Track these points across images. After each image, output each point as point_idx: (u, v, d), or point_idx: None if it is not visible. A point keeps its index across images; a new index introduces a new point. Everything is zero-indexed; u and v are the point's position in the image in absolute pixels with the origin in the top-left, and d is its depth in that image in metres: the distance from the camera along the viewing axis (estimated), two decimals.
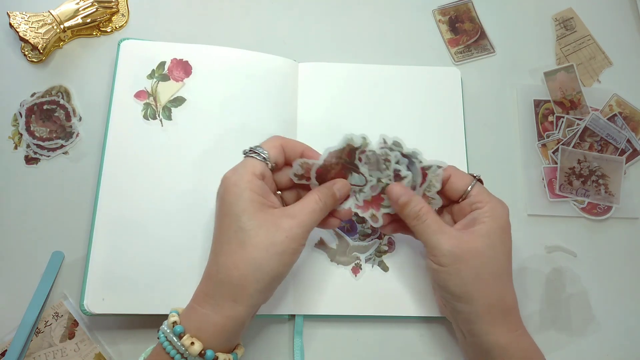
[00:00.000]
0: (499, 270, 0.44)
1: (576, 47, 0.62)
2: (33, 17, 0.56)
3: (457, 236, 0.44)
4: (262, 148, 0.44)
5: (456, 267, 0.43)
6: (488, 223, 0.44)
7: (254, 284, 0.40)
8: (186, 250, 0.50)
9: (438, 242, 0.44)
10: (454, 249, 0.43)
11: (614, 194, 0.56)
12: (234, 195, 0.42)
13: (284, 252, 0.41)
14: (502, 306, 0.43)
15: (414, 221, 0.45)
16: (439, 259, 0.44)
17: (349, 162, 0.46)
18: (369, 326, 0.51)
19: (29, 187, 0.53)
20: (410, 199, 0.45)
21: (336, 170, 0.46)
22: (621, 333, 0.52)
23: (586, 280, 0.54)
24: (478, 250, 0.43)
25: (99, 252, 0.49)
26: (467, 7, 0.64)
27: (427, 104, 0.58)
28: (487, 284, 0.43)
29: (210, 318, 0.40)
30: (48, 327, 0.49)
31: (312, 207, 0.44)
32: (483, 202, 0.45)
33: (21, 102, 0.56)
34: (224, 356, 0.40)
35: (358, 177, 0.46)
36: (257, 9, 0.62)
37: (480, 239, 0.44)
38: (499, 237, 0.44)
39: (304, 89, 0.57)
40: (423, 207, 0.45)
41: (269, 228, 0.41)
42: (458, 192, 0.46)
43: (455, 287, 0.44)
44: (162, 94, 0.55)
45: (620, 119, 0.59)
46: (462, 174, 0.47)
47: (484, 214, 0.45)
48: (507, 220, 0.45)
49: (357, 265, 0.52)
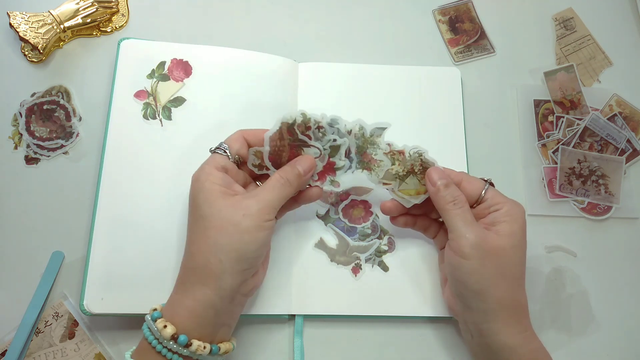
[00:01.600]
0: (518, 271, 0.45)
1: (576, 47, 0.62)
2: (33, 17, 0.56)
3: (484, 232, 0.44)
4: (224, 142, 0.46)
5: (480, 262, 0.43)
6: (509, 223, 0.44)
7: (218, 265, 0.41)
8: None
9: (470, 232, 0.44)
10: (482, 243, 0.43)
11: (614, 194, 0.56)
12: (195, 189, 0.44)
13: (246, 230, 0.42)
14: (515, 307, 0.44)
15: (450, 205, 0.45)
16: (464, 249, 0.43)
17: (293, 139, 0.46)
18: (369, 326, 0.51)
19: (29, 187, 0.53)
20: (449, 182, 0.46)
21: (287, 151, 0.46)
22: (621, 333, 0.52)
23: (586, 280, 0.54)
24: (504, 249, 0.44)
25: (99, 252, 0.49)
26: (467, 7, 0.64)
27: (427, 104, 0.58)
28: (505, 283, 0.43)
29: (182, 302, 0.41)
30: (48, 327, 0.49)
31: (273, 184, 0.44)
32: (500, 203, 0.45)
33: (21, 102, 0.56)
34: (198, 343, 0.40)
35: (312, 150, 0.46)
36: (257, 9, 0.62)
37: (505, 238, 0.44)
38: (520, 238, 0.45)
39: (304, 89, 0.57)
40: (460, 194, 0.46)
41: (228, 210, 0.42)
42: (472, 197, 0.46)
43: (474, 283, 0.43)
44: (162, 94, 0.55)
45: (620, 119, 0.59)
46: (473, 179, 0.47)
47: (503, 215, 0.45)
48: (525, 221, 0.46)
49: (357, 265, 0.52)
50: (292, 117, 0.45)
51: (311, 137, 0.46)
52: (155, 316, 0.41)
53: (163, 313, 0.41)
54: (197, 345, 0.40)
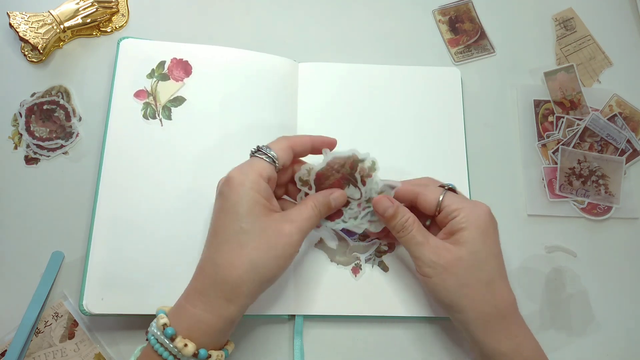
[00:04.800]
0: (487, 277, 0.43)
1: (576, 47, 0.62)
2: (33, 17, 0.56)
3: (440, 246, 0.44)
4: (271, 149, 0.44)
5: (441, 278, 0.43)
6: (467, 229, 0.44)
7: (249, 285, 0.40)
8: (186, 250, 0.49)
9: (422, 253, 0.44)
10: (437, 260, 0.43)
11: (614, 194, 0.56)
12: (238, 195, 0.41)
13: (282, 256, 0.41)
14: (496, 313, 0.43)
15: (400, 232, 0.45)
16: (424, 269, 0.44)
17: (349, 173, 0.46)
18: (369, 326, 0.51)
19: (29, 187, 0.53)
20: (396, 211, 0.45)
21: (335, 178, 0.46)
22: (621, 333, 0.52)
23: (586, 280, 0.54)
24: (461, 259, 0.43)
25: (99, 252, 0.49)
26: (467, 7, 0.64)
27: (427, 104, 0.58)
28: (475, 292, 0.43)
29: (202, 317, 0.40)
30: (48, 327, 0.49)
31: (309, 214, 0.44)
32: (457, 210, 0.44)
33: (21, 102, 0.56)
34: (216, 353, 0.40)
35: (354, 190, 0.47)
36: (257, 9, 0.62)
37: (461, 247, 0.43)
38: (481, 243, 0.44)
39: (304, 89, 0.57)
40: (409, 218, 0.45)
41: (271, 232, 0.41)
42: (430, 208, 0.46)
43: (443, 297, 0.44)
44: (161, 94, 0.55)
45: (620, 119, 0.59)
46: (430, 190, 0.46)
47: (460, 221, 0.44)
48: (487, 222, 0.45)
49: (357, 266, 0.52)
50: (364, 156, 0.46)
51: (365, 182, 0.46)
52: (169, 333, 0.39)
53: (174, 325, 0.40)
54: (216, 355, 0.40)
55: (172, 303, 0.42)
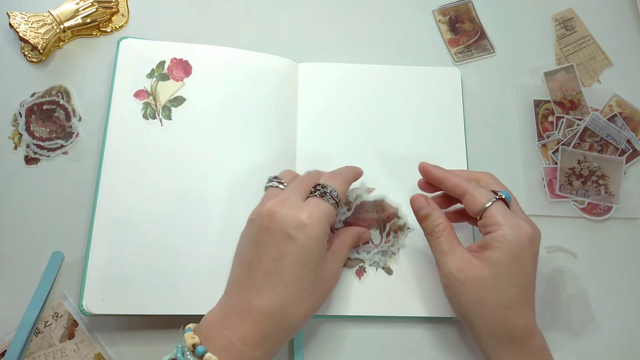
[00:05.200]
0: (506, 301, 0.42)
1: (576, 47, 0.62)
2: (33, 17, 0.56)
3: (466, 260, 0.43)
4: (333, 188, 0.43)
5: (458, 292, 0.43)
6: (498, 250, 0.42)
7: (301, 323, 0.42)
8: (186, 250, 0.49)
9: (444, 262, 0.44)
10: (458, 274, 0.43)
11: (614, 194, 0.56)
12: (316, 247, 0.41)
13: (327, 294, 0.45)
14: (508, 336, 0.42)
15: (429, 236, 0.45)
16: (442, 279, 0.44)
17: (384, 219, 0.52)
18: (370, 326, 0.51)
19: (28, 187, 0.53)
20: (430, 213, 0.45)
21: (369, 215, 0.52)
22: (621, 333, 0.52)
23: (586, 280, 0.54)
24: (482, 279, 0.42)
25: (98, 252, 0.49)
26: (467, 7, 0.64)
27: (427, 104, 0.58)
28: (489, 311, 0.42)
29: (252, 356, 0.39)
30: (48, 327, 0.49)
31: (346, 250, 0.47)
32: (496, 225, 0.42)
33: (21, 102, 0.56)
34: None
35: (377, 235, 0.52)
36: (257, 9, 0.62)
37: (487, 267, 0.42)
38: (508, 268, 0.42)
39: (304, 89, 0.57)
40: (441, 223, 0.45)
41: (329, 276, 0.44)
42: (474, 211, 0.44)
43: (456, 308, 0.44)
44: (161, 94, 0.55)
45: (620, 119, 0.59)
46: (478, 193, 0.44)
47: (495, 239, 0.42)
48: (523, 248, 0.42)
49: (361, 268, 0.51)
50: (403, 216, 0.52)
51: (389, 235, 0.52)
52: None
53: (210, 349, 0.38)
54: None
55: (172, 303, 0.42)
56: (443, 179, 0.46)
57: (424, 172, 0.48)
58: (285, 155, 0.54)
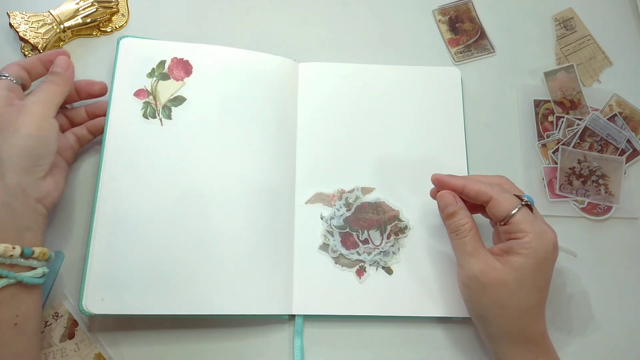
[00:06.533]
0: (525, 305, 0.43)
1: (576, 47, 0.62)
2: (33, 17, 0.56)
3: (489, 263, 0.43)
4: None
5: (478, 294, 0.43)
6: (523, 256, 0.42)
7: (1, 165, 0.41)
8: (185, 249, 0.49)
9: (467, 263, 0.44)
10: (481, 276, 0.43)
11: (614, 194, 0.56)
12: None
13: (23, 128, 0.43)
14: (523, 337, 0.43)
15: (453, 234, 0.45)
16: (464, 279, 0.44)
17: (385, 221, 0.52)
18: (370, 326, 0.51)
19: None
20: (456, 212, 0.45)
21: (370, 216, 0.52)
22: (621, 333, 0.52)
23: (586, 280, 0.54)
24: (505, 283, 0.42)
25: (98, 252, 0.49)
26: (467, 7, 0.64)
27: (427, 104, 0.58)
28: (508, 314, 0.42)
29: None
30: (48, 327, 0.49)
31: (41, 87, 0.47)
32: (522, 232, 0.43)
33: None
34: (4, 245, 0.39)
35: (378, 235, 0.52)
36: (257, 9, 0.62)
37: (510, 272, 0.42)
38: (532, 274, 0.42)
39: (304, 89, 0.57)
40: (467, 223, 0.45)
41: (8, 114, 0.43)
42: (500, 216, 0.44)
43: (474, 309, 0.44)
44: (162, 93, 0.54)
45: (620, 119, 0.59)
46: (507, 197, 0.44)
47: (521, 245, 0.42)
48: (547, 255, 0.43)
49: (362, 268, 0.51)
50: (405, 219, 0.53)
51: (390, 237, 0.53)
52: None
53: None
54: (3, 247, 0.39)
55: (172, 303, 0.42)
56: (463, 187, 0.46)
57: (438, 183, 0.48)
58: (285, 155, 0.54)
